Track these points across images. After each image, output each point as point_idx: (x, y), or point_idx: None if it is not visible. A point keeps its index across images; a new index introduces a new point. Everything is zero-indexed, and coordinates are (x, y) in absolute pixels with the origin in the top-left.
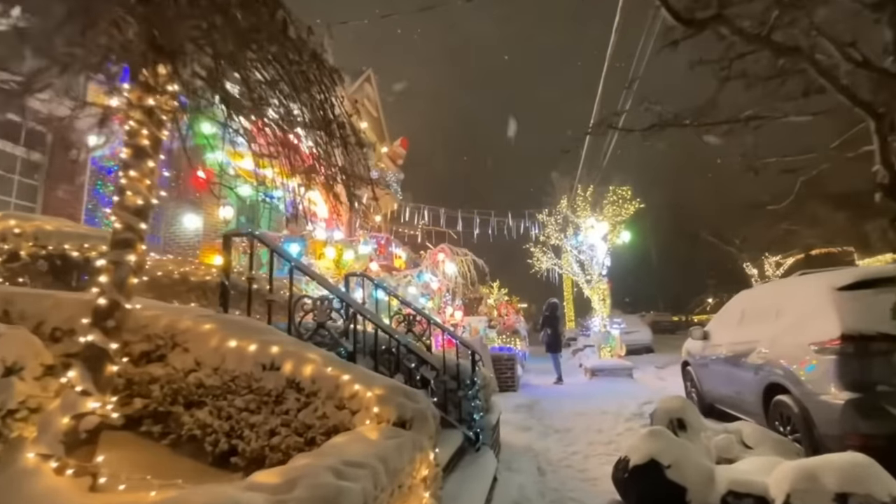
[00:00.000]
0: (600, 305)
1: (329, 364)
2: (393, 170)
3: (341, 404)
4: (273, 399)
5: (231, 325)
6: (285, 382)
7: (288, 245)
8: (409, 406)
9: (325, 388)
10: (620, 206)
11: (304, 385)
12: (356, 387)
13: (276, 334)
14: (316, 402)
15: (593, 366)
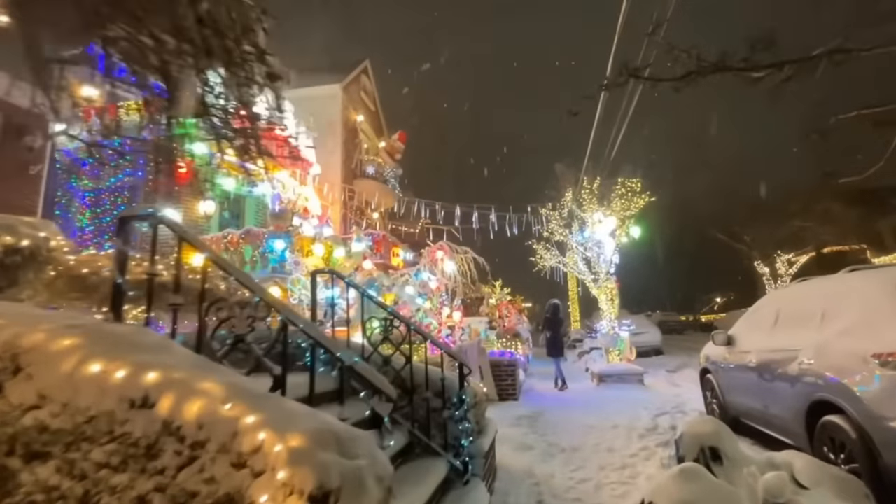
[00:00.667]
0: (608, 306)
1: (231, 399)
2: (391, 165)
3: (240, 461)
4: (144, 451)
5: (103, 339)
6: (161, 427)
7: (272, 241)
8: (337, 468)
9: (216, 435)
10: (629, 200)
11: (186, 431)
12: (261, 435)
13: (168, 353)
14: (203, 458)
15: (601, 371)
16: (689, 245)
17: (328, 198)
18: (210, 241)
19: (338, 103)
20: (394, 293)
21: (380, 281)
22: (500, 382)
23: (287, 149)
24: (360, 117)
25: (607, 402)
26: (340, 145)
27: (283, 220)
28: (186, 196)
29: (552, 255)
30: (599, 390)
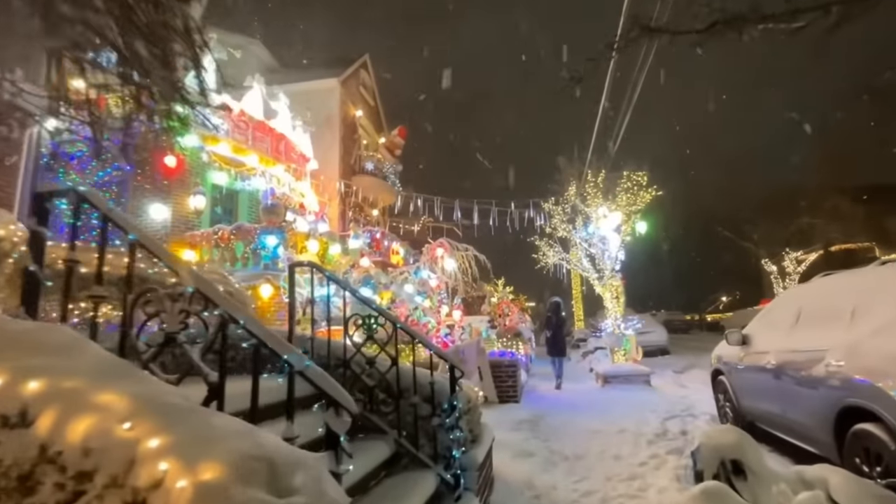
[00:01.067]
0: (613, 304)
1: (135, 415)
2: (391, 161)
3: (135, 500)
4: (16, 484)
5: None
6: (37, 452)
7: (264, 237)
8: None
9: (106, 465)
10: (635, 194)
11: (68, 458)
12: (164, 465)
13: (75, 356)
14: (88, 495)
15: (606, 371)
16: (694, 243)
17: (325, 194)
18: (200, 237)
19: (335, 98)
20: (391, 291)
21: (377, 279)
22: (501, 384)
23: (283, 142)
24: (359, 112)
25: (612, 404)
26: (338, 141)
27: (275, 216)
28: (176, 191)
29: (555, 252)
30: (604, 392)
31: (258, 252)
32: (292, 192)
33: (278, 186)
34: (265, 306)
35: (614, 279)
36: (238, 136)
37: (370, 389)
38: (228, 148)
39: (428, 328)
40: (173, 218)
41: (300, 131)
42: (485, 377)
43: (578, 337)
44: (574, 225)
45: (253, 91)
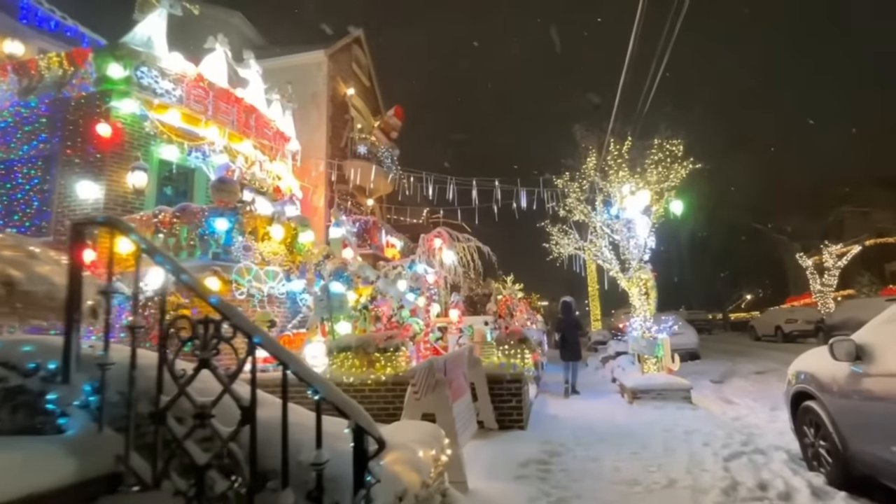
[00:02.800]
0: (642, 301)
1: None
2: (386, 144)
3: None
4: None
5: None
6: None
7: (213, 220)
8: None
9: None
10: (668, 168)
11: None
12: None
13: None
14: None
15: (636, 385)
16: (718, 236)
17: (310, 179)
18: (139, 221)
19: (323, 73)
20: (371, 287)
21: (361, 272)
22: (502, 404)
23: (254, 116)
24: (351, 90)
25: (649, 431)
26: (326, 120)
27: (226, 194)
28: (112, 166)
29: (570, 240)
30: (634, 411)
31: (206, 238)
32: (265, 174)
33: (246, 166)
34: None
35: (643, 271)
36: (195, 106)
37: (199, 471)
38: (179, 117)
39: (412, 332)
40: (107, 198)
41: (277, 107)
42: (480, 396)
43: (596, 339)
44: (593, 206)
45: (215, 55)
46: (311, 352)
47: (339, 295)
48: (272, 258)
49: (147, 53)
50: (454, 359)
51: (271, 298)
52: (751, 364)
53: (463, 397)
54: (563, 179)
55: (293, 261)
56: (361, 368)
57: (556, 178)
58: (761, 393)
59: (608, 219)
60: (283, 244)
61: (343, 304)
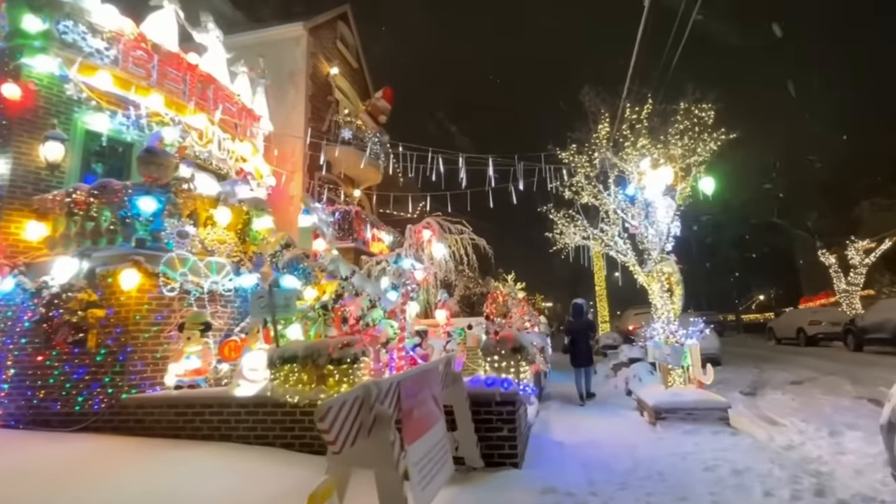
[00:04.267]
0: (665, 300)
1: None
2: (373, 128)
3: None
4: None
5: None
6: None
7: (137, 199)
8: None
9: None
10: (697, 137)
11: None
12: None
13: None
14: None
15: (659, 403)
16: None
17: (287, 164)
18: (52, 201)
19: (301, 48)
20: (335, 283)
21: (333, 266)
22: (489, 433)
23: (212, 87)
24: (335, 70)
25: (685, 471)
26: (305, 100)
27: (155, 167)
28: (21, 135)
29: (578, 228)
30: (660, 437)
31: (129, 222)
32: (225, 154)
33: (201, 143)
34: (130, 304)
35: (665, 263)
36: (134, 69)
37: None
38: (111, 80)
39: (385, 337)
40: (14, 174)
41: (245, 81)
42: (461, 424)
43: (605, 343)
44: (605, 186)
45: (162, 13)
46: (251, 363)
47: (285, 291)
48: (217, 247)
49: (73, 5)
50: (417, 378)
51: (215, 296)
52: (782, 372)
53: (431, 431)
54: (570, 152)
55: (245, 251)
56: (310, 385)
57: (561, 151)
58: (808, 410)
59: (623, 200)
60: (233, 231)
61: (290, 302)
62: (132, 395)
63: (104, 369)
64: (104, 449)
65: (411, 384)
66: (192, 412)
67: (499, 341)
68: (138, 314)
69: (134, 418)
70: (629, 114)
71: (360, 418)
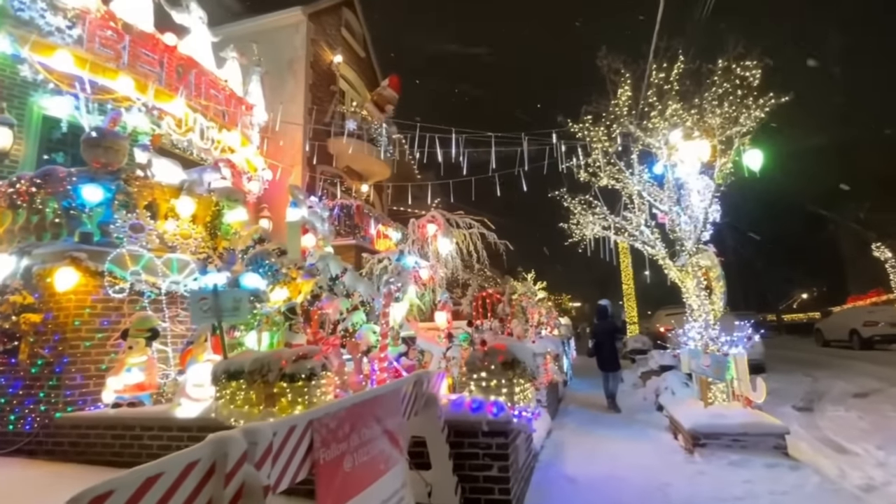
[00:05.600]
0: (702, 300)
1: None
2: (379, 119)
3: None
4: None
5: None
6: None
7: (81, 187)
8: None
9: None
10: (740, 103)
11: None
12: None
13: None
14: None
15: (698, 427)
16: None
17: (285, 157)
18: None
19: (301, 34)
20: (314, 282)
21: (322, 264)
22: (474, 474)
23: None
24: (339, 58)
25: None
26: (305, 89)
27: (103, 151)
28: None
29: (597, 217)
30: (700, 471)
31: (73, 214)
32: (209, 143)
33: (180, 131)
34: (69, 308)
35: (703, 256)
36: (101, 50)
37: None
38: (71, 61)
39: (366, 345)
40: None
41: (234, 67)
42: (435, 461)
43: (633, 347)
44: (628, 162)
45: None
46: (196, 377)
47: (235, 292)
48: (181, 243)
49: None
50: (356, 410)
51: (175, 298)
52: (839, 381)
53: (378, 483)
54: (585, 123)
55: (216, 247)
56: (258, 406)
57: (574, 124)
58: (883, 433)
59: (649, 182)
60: (201, 225)
61: (240, 304)
62: (67, 415)
63: (39, 383)
64: (26, 479)
65: (343, 420)
66: (130, 435)
67: (486, 354)
68: (78, 319)
69: (68, 441)
70: (655, 76)
71: (199, 500)
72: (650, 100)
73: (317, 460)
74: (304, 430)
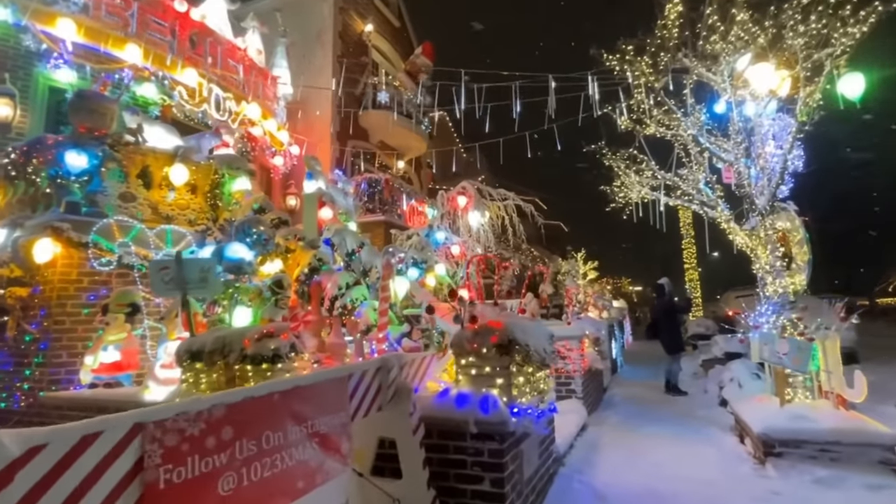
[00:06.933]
0: (778, 271)
1: None
2: (412, 89)
3: None
4: None
5: None
6: None
7: (65, 153)
8: None
9: None
10: (832, 15)
11: None
12: None
13: None
14: None
15: (772, 431)
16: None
17: (313, 131)
18: None
19: (328, 3)
20: (312, 254)
21: (338, 238)
22: (459, 486)
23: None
24: (370, 27)
25: None
26: (333, 60)
27: (88, 115)
28: None
29: (645, 176)
30: (773, 491)
31: (61, 183)
32: (226, 115)
33: (192, 102)
34: (54, 281)
35: (780, 216)
36: (108, 18)
37: None
38: (75, 30)
39: (366, 325)
40: None
41: (256, 37)
42: (407, 469)
43: (695, 332)
44: (682, 101)
45: None
46: (167, 357)
47: (201, 262)
48: (177, 213)
49: None
50: (251, 405)
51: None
52: None
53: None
54: (626, 55)
55: (216, 218)
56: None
57: (610, 57)
58: None
59: (708, 123)
60: (200, 194)
61: (207, 275)
62: (50, 394)
63: (27, 360)
64: None
65: (215, 422)
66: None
67: (476, 334)
68: (63, 293)
69: (49, 421)
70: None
71: None
72: (709, 19)
73: (151, 483)
74: (122, 441)
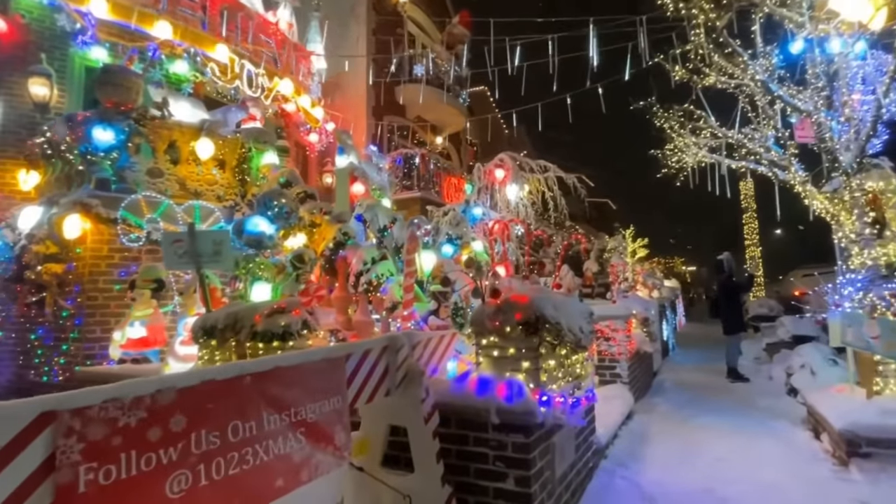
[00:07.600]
0: (867, 240)
1: None
2: (449, 60)
3: None
4: None
5: None
6: None
7: (94, 129)
8: None
9: None
10: None
11: None
12: None
13: None
14: None
15: (856, 427)
16: None
17: (348, 107)
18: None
19: None
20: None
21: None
22: (480, 482)
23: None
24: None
25: None
26: (367, 33)
27: (114, 89)
28: (13, 74)
29: (704, 136)
30: (860, 500)
31: (92, 160)
32: (257, 91)
33: (225, 78)
34: (86, 258)
35: (869, 175)
36: None
37: None
38: (106, 8)
39: (391, 302)
40: (5, 118)
41: (288, 11)
42: (419, 461)
43: (757, 313)
44: (749, 48)
45: None
46: (186, 332)
47: (214, 233)
48: (205, 189)
49: None
50: (211, 388)
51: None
52: None
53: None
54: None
55: (244, 193)
56: None
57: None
58: None
59: (779, 67)
60: (228, 169)
61: (221, 248)
62: (85, 368)
63: (64, 335)
64: None
65: (159, 410)
66: None
67: (498, 310)
68: (95, 269)
69: None
70: None
71: None
72: None
73: (66, 486)
74: (22, 434)
